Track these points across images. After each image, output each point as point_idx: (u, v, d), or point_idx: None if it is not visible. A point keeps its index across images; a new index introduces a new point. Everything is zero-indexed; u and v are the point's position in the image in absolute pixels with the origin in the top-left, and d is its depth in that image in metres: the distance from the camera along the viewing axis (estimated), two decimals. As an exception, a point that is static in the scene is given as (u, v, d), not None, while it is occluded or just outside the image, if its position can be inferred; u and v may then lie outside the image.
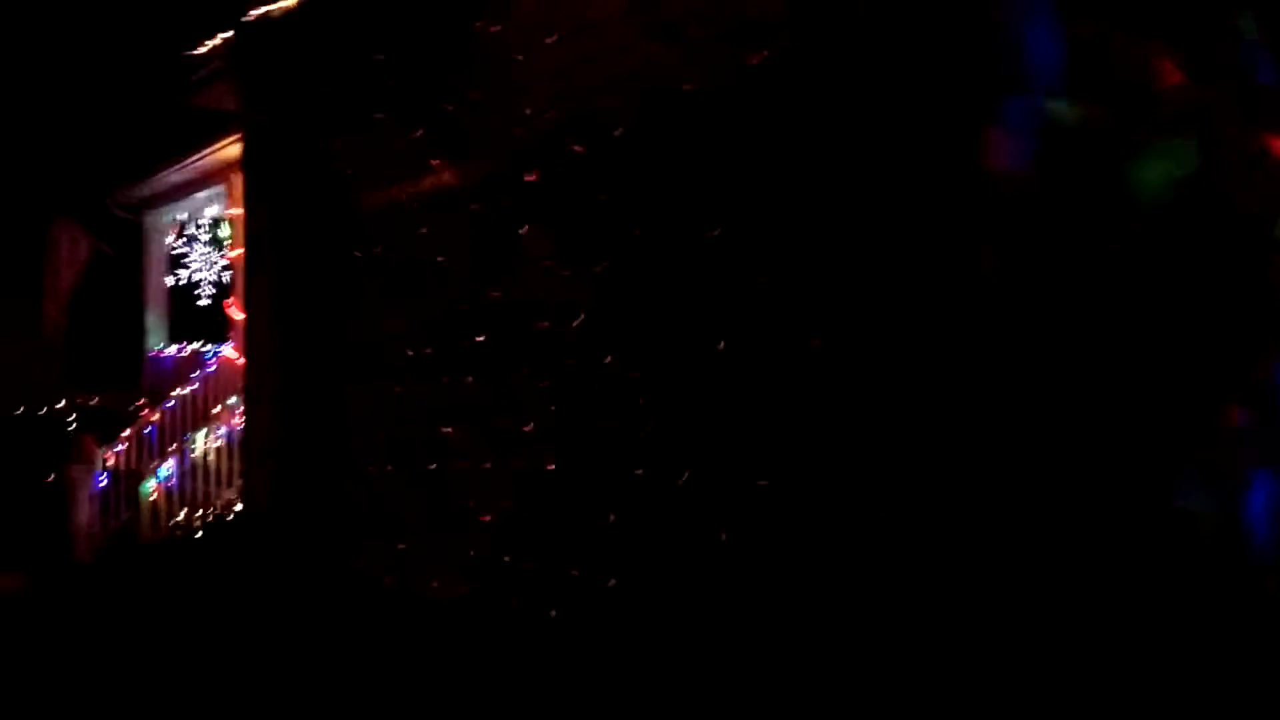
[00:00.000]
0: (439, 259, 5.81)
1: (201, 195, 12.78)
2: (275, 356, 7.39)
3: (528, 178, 5.10)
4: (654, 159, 4.53)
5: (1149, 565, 3.29)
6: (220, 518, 7.91)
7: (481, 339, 5.48)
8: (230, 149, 10.61)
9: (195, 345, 13.27)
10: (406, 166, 5.96)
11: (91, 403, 13.47)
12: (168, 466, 9.56)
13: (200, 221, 14.29)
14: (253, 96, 7.59)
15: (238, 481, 9.42)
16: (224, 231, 13.82)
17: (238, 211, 11.30)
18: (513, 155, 5.18)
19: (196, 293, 14.81)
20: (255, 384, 7.64)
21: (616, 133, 4.68)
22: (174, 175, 12.31)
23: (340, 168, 6.60)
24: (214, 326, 14.21)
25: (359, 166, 6.44)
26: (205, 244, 14.52)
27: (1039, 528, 3.34)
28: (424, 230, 5.91)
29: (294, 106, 7.09)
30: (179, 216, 14.03)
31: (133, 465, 10.24)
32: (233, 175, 11.25)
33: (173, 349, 13.60)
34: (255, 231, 7.72)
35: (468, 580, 5.58)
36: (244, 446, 7.80)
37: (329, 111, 6.69)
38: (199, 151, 11.21)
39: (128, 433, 10.78)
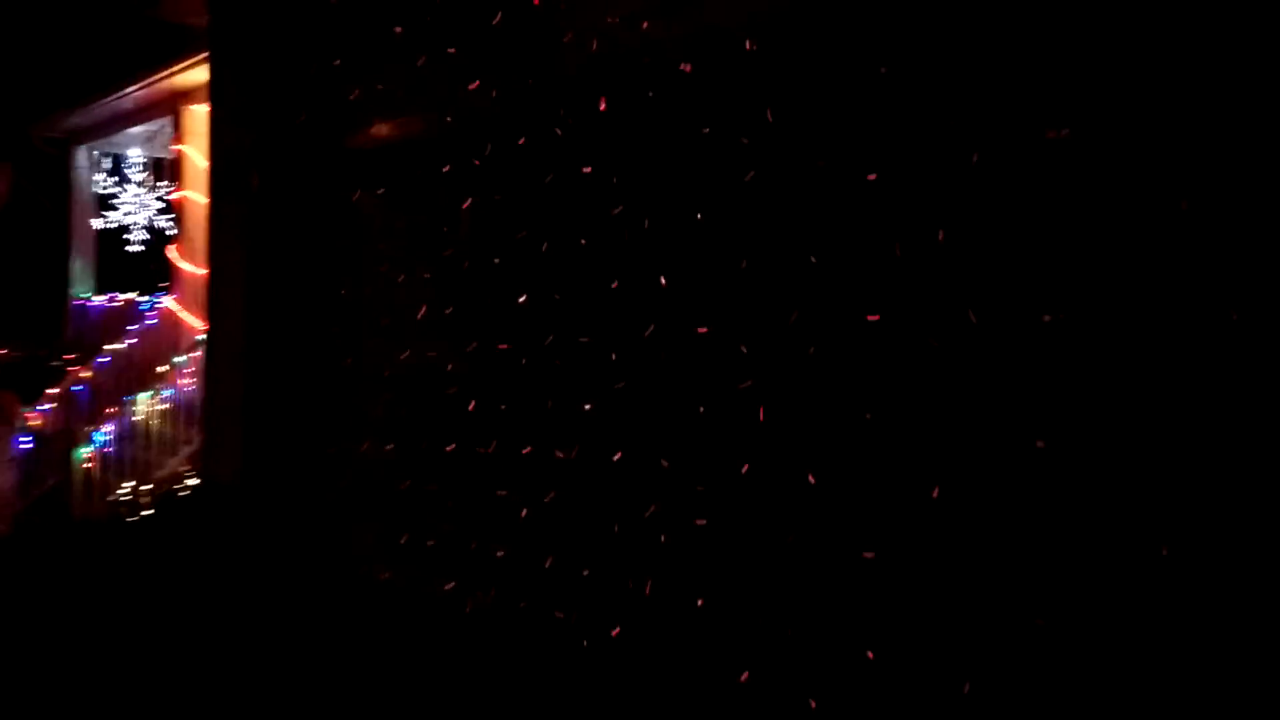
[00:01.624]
0: (469, 202, 4.89)
1: (140, 129, 11.60)
2: (245, 310, 6.38)
3: (601, 106, 4.20)
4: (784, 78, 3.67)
5: None
6: (173, 492, 6.90)
7: (523, 300, 4.60)
8: (182, 76, 9.48)
9: (128, 295, 12.08)
10: (432, 91, 5.02)
11: (8, 356, 12.16)
12: (104, 430, 8.46)
13: (136, 159, 13.02)
14: (227, 4, 6.52)
15: (186, 449, 8.39)
16: (164, 171, 12.60)
17: (185, 148, 10.18)
18: (583, 75, 4.27)
19: (127, 238, 13.51)
20: (219, 340, 6.62)
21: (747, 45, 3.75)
22: (110, 105, 11.05)
23: (340, 91, 5.62)
24: (146, 275, 12.99)
25: (365, 90, 5.47)
26: (139, 184, 13.21)
27: None
28: (449, 168, 4.98)
29: (281, 17, 6.05)
30: (112, 152, 12.84)
31: (61, 426, 9.20)
32: (181, 106, 10.11)
33: (101, 299, 12.48)
34: (223, 167, 6.67)
35: (491, 584, 4.72)
36: (204, 411, 6.80)
37: (327, 24, 5.69)
38: (143, 78, 9.97)
39: (54, 391, 9.75)
